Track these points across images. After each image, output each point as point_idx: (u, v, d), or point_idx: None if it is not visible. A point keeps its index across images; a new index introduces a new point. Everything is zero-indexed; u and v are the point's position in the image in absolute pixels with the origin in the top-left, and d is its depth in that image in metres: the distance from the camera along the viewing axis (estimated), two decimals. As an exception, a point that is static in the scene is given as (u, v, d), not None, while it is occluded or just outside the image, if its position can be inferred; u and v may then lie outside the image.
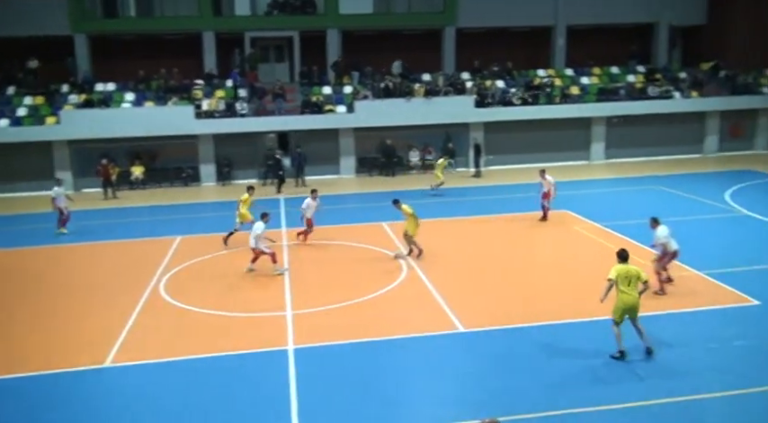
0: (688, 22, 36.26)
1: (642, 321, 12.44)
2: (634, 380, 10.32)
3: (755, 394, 9.80)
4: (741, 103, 32.80)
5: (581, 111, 31.29)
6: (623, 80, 33.55)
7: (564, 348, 11.55)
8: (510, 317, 12.88)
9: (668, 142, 32.56)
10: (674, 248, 13.96)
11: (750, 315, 12.80)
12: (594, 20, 34.35)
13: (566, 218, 20.93)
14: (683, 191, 24.31)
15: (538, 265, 16.39)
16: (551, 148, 31.21)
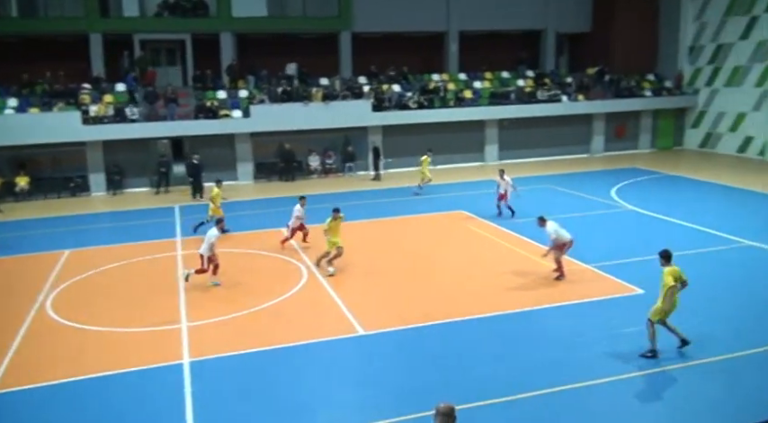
0: (574, 29, 38.06)
1: (535, 315, 12.93)
2: (524, 373, 10.60)
3: (642, 377, 10.31)
4: (624, 105, 34.67)
5: (474, 114, 32.15)
6: (514, 84, 34.73)
7: (464, 345, 11.75)
8: (410, 317, 12.98)
9: (558, 143, 33.99)
10: (569, 238, 14.70)
11: (636, 303, 13.47)
12: (485, 26, 35.41)
13: (461, 217, 21.41)
14: (573, 189, 25.40)
15: (435, 264, 16.59)
16: (447, 150, 31.87)
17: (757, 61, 32.28)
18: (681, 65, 36.53)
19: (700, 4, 35.41)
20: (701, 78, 35.68)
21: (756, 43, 32.20)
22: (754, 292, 14.05)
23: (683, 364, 10.69)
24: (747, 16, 32.60)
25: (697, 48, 35.81)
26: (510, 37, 37.52)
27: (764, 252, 16.75)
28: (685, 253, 16.77)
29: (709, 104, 35.21)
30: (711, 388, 9.99)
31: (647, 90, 35.89)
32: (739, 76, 33.34)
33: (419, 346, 11.74)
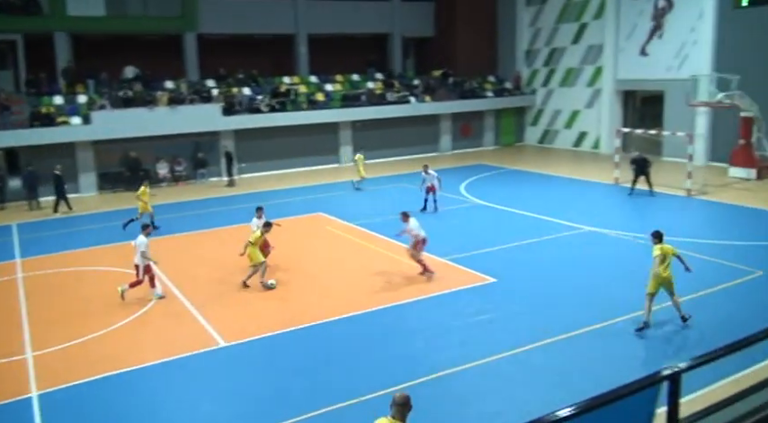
0: (418, 34, 39.37)
1: (395, 311, 13.15)
2: (387, 368, 10.78)
3: (498, 360, 10.81)
4: (469, 105, 36.27)
5: (327, 116, 32.27)
6: (364, 87, 35.28)
7: (327, 347, 11.75)
8: (272, 324, 12.76)
9: (408, 143, 34.94)
10: (423, 236, 15.07)
11: (489, 291, 14.15)
12: (334, 30, 35.73)
13: (318, 219, 21.42)
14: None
15: (295, 268, 16.42)
16: (303, 153, 31.85)
17: (588, 63, 34.96)
18: (519, 67, 38.84)
19: (534, 12, 37.84)
20: (537, 79, 38.12)
21: (587, 47, 34.87)
22: (595, 267, 15.17)
23: (531, 345, 11.31)
24: (578, 23, 35.23)
25: (533, 51, 38.23)
26: (359, 40, 38.13)
27: (602, 235, 18.17)
28: (531, 241, 17.89)
29: (546, 103, 37.71)
30: (558, 363, 10.64)
31: (488, 91, 37.79)
32: (572, 77, 35.96)
33: (282, 353, 11.58)
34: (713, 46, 28.59)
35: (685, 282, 14.23)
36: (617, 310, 12.74)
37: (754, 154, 25.69)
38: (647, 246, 17.18)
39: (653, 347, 11.22)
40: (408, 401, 6.03)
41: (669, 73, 30.59)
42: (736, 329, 4.86)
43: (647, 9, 31.62)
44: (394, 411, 6.04)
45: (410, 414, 6.14)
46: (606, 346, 11.34)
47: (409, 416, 6.13)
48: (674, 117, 29.90)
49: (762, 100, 25.45)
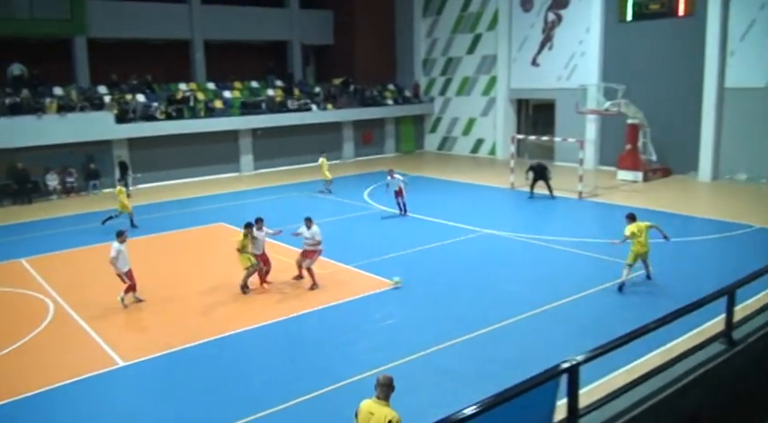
0: (318, 41, 39.40)
1: (302, 320, 13.10)
2: (296, 379, 10.72)
3: (407, 363, 10.96)
4: (370, 113, 36.63)
5: (226, 124, 31.67)
6: (264, 94, 34.91)
7: (233, 360, 11.52)
8: (173, 339, 12.33)
9: (311, 151, 34.71)
10: (320, 248, 15.07)
11: (394, 296, 14.33)
12: (231, 36, 35.18)
13: (220, 230, 20.97)
14: (328, 194, 26.18)
15: (196, 281, 15.91)
16: (202, 162, 31.12)
17: (483, 73, 36.10)
18: (417, 76, 39.61)
19: (430, 23, 38.73)
20: (435, 88, 39.00)
21: (481, 57, 36.00)
22: (494, 268, 15.68)
23: (437, 346, 11.55)
24: (472, 34, 36.31)
25: (430, 61, 39.09)
26: (257, 47, 37.76)
27: (500, 237, 18.78)
28: (434, 245, 18.26)
29: (444, 111, 38.63)
30: (464, 362, 10.92)
31: (389, 99, 38.31)
32: (468, 86, 37.03)
33: (185, 369, 11.23)
34: (600, 57, 30.21)
35: (580, 279, 14.96)
36: (515, 308, 13.20)
37: (640, 158, 27.30)
38: (544, 246, 18.02)
39: (551, 342, 11.68)
40: (392, 382, 6.44)
41: (559, 82, 32.09)
42: (628, 322, 5.17)
43: (537, 22, 33.04)
44: (378, 392, 6.44)
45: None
46: (507, 344, 11.73)
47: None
48: (565, 124, 31.37)
49: (646, 107, 27.12)
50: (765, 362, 6.31)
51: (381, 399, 6.43)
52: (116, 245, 14.08)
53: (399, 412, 6.36)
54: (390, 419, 6.28)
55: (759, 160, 25.72)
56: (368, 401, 6.50)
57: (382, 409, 6.35)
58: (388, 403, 6.41)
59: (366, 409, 6.47)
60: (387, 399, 6.42)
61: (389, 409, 6.34)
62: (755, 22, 25.33)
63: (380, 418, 6.28)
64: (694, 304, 5.44)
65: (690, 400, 5.35)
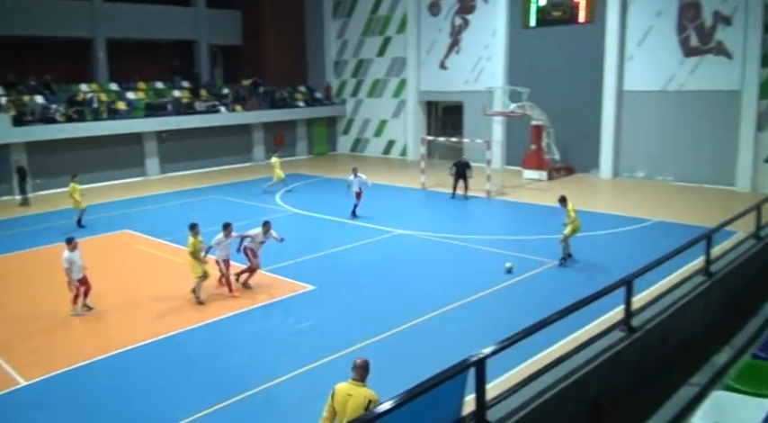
0: (226, 42, 38.69)
1: (215, 327, 12.87)
2: (211, 386, 10.53)
3: (321, 366, 10.93)
4: (281, 115, 36.27)
5: (131, 126, 30.58)
6: (170, 95, 33.96)
7: (143, 372, 11.15)
8: (78, 354, 11.74)
9: (220, 153, 34.19)
10: (225, 257, 14.81)
11: (309, 299, 14.27)
12: (135, 35, 34.02)
13: (127, 238, 20.24)
14: (239, 197, 25.77)
15: (102, 292, 15.18)
16: (105, 167, 29.93)
17: (393, 75, 36.45)
18: (328, 77, 39.56)
19: (340, 24, 38.75)
20: (346, 90, 39.06)
21: (391, 59, 36.35)
22: (407, 268, 15.86)
23: (351, 348, 11.58)
24: (382, 36, 36.61)
25: (341, 62, 39.13)
26: (162, 46, 36.68)
27: (412, 237, 19.02)
28: (348, 246, 18.29)
29: (356, 113, 38.76)
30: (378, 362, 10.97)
31: (300, 101, 38.06)
32: (379, 88, 37.30)
33: (91, 385, 10.75)
34: (505, 61, 31.11)
35: (489, 276, 15.35)
36: (428, 306, 13.41)
37: (545, 158, 28.29)
38: (455, 245, 18.38)
39: (463, 338, 11.92)
40: (368, 365, 6.69)
41: (467, 85, 32.83)
42: (533, 315, 5.36)
43: (444, 26, 33.68)
44: (355, 374, 6.64)
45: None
46: (421, 342, 11.89)
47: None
48: (473, 125, 32.11)
49: (550, 109, 28.12)
50: (661, 346, 6.68)
51: (358, 381, 6.60)
52: (66, 254, 13.45)
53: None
54: (370, 399, 6.45)
55: (656, 158, 27.19)
56: (344, 384, 6.66)
57: (360, 390, 6.53)
58: (365, 384, 6.59)
59: (343, 392, 6.60)
60: (363, 380, 6.60)
61: (368, 390, 6.54)
62: (652, 28, 26.75)
63: (359, 399, 6.42)
64: (594, 296, 5.69)
65: (592, 386, 5.59)
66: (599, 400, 5.61)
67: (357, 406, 6.46)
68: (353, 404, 6.44)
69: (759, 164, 24.65)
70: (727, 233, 13.38)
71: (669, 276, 11.60)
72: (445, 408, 4.48)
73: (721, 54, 25.12)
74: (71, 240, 13.73)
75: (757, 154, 24.60)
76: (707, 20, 25.39)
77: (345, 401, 6.54)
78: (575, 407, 5.43)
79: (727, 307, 8.01)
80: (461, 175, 24.36)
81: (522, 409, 4.83)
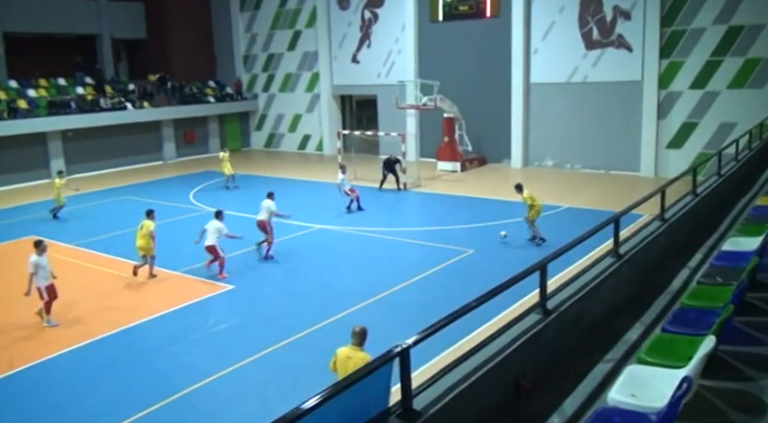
0: (129, 35, 37.33)
1: (132, 332, 12.48)
2: (131, 393, 10.19)
3: (244, 366, 10.76)
4: (191, 111, 35.35)
5: (32, 126, 29.05)
6: (73, 93, 32.49)
7: (59, 383, 10.73)
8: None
9: (129, 152, 32.99)
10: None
11: (227, 299, 14.02)
12: (34, 29, 32.30)
13: (31, 244, 19.16)
14: (151, 197, 24.91)
15: (11, 304, 14.37)
16: (7, 170, 28.33)
17: (305, 69, 36.16)
18: (238, 72, 38.82)
19: (248, 18, 38.09)
20: (258, 84, 38.48)
21: (303, 54, 36.03)
22: (327, 263, 15.80)
23: (273, 346, 11.45)
24: (292, 30, 36.23)
25: (251, 57, 38.49)
26: (63, 41, 34.98)
27: (331, 231, 18.97)
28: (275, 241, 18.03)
29: (269, 108, 38.24)
30: (300, 359, 10.92)
31: (210, 96, 37.20)
32: (291, 82, 36.92)
33: (9, 400, 10.22)
34: (415, 55, 31.43)
35: (408, 266, 15.51)
36: (350, 300, 13.42)
37: (458, 149, 28.79)
38: (374, 237, 18.48)
39: (386, 329, 11.97)
40: (365, 332, 7.45)
41: (380, 79, 32.97)
42: (454, 303, 5.44)
43: (354, 20, 33.68)
44: (354, 340, 7.41)
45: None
46: (345, 335, 11.84)
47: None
48: (387, 119, 32.28)
49: (461, 102, 28.62)
50: (576, 326, 6.92)
51: (356, 345, 7.41)
52: (34, 257, 12.86)
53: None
54: (368, 361, 6.72)
55: (563, 147, 28.16)
56: (344, 348, 7.48)
57: (359, 353, 7.35)
58: (363, 349, 7.36)
59: (344, 355, 7.45)
60: (361, 345, 7.39)
61: (365, 353, 7.31)
62: (555, 23, 27.65)
63: (357, 361, 7.13)
64: (510, 281, 5.83)
65: (513, 367, 5.74)
66: (520, 380, 5.76)
67: (355, 367, 6.89)
68: (353, 366, 7.01)
69: (661, 150, 25.95)
70: (634, 216, 14.06)
71: (581, 259, 12.06)
72: (372, 399, 4.49)
73: (622, 47, 26.24)
74: (38, 244, 13.18)
75: (659, 140, 25.89)
76: (607, 14, 26.46)
77: (346, 364, 7.34)
78: (497, 389, 5.55)
79: (636, 285, 8.38)
80: (390, 170, 24.55)
81: (447, 394, 4.89)
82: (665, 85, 25.50)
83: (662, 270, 9.03)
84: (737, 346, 6.44)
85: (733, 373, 6.02)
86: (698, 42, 24.70)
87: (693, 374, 4.82)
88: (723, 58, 24.36)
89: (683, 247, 9.96)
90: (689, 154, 25.00)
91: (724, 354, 6.22)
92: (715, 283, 7.43)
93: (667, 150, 25.88)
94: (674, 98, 25.46)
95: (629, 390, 4.95)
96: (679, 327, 6.21)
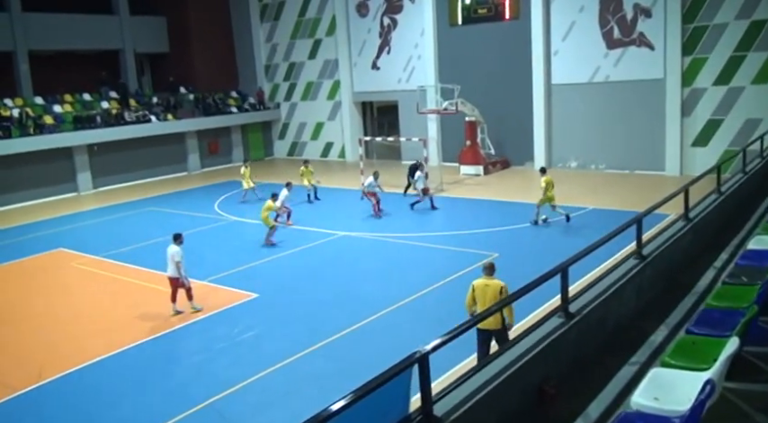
0: (153, 49, 37.80)
1: (160, 342, 12.59)
2: (161, 402, 10.28)
3: (270, 374, 10.81)
4: (214, 122, 35.69)
5: (60, 141, 29.54)
6: (98, 107, 32.97)
7: (90, 393, 10.84)
8: (18, 381, 11.29)
9: (154, 164, 33.40)
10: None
11: (252, 308, 14.10)
12: (58, 46, 32.90)
13: (61, 256, 19.55)
14: (176, 208, 25.25)
15: (38, 315, 14.65)
16: (35, 184, 28.82)
17: (326, 77, 36.34)
18: (260, 82, 39.14)
19: (269, 28, 38.40)
20: (279, 94, 38.74)
21: (323, 62, 36.24)
22: (352, 269, 15.85)
23: (299, 354, 11.50)
24: (312, 39, 36.46)
25: (272, 66, 38.78)
26: (88, 57, 35.56)
27: (355, 238, 19.02)
28: (290, 252, 18.16)
29: (291, 117, 38.48)
30: (327, 366, 10.95)
31: (232, 107, 37.55)
32: (313, 91, 37.13)
33: (38, 411, 10.36)
34: (435, 59, 31.41)
35: (432, 272, 15.48)
36: (374, 306, 13.43)
37: (480, 153, 28.70)
38: (398, 243, 18.48)
39: (410, 336, 11.99)
40: (494, 265, 9.48)
41: (400, 84, 33.02)
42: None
43: (374, 27, 33.78)
44: (486, 272, 9.38)
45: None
46: (369, 342, 11.89)
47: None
48: (409, 124, 32.31)
49: (482, 105, 28.55)
50: (600, 329, 6.86)
51: (489, 275, 9.33)
52: (176, 248, 13.72)
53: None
54: (502, 286, 9.19)
55: (587, 148, 27.93)
56: (480, 279, 9.40)
57: (494, 281, 9.27)
58: (495, 278, 9.27)
59: (482, 284, 9.31)
60: (493, 275, 9.31)
61: (499, 281, 9.23)
62: (575, 23, 27.47)
63: (495, 287, 9.14)
64: (530, 285, 5.80)
65: (536, 372, 5.70)
66: (543, 385, 5.72)
67: (494, 292, 9.18)
68: (491, 291, 9.15)
69: (686, 148, 25.62)
70: (659, 216, 13.88)
71: (607, 261, 11.93)
72: (392, 406, 4.49)
73: (643, 45, 25.98)
74: (180, 235, 14.08)
75: (683, 139, 25.57)
76: (628, 13, 26.22)
77: (485, 291, 9.21)
78: (520, 394, 5.52)
79: (660, 287, 8.29)
80: (411, 175, 24.53)
81: (468, 400, 4.88)
82: (688, 82, 25.18)
83: (687, 270, 8.92)
84: (763, 347, 6.34)
85: (758, 374, 5.92)
86: (720, 38, 24.37)
87: (717, 377, 4.76)
88: (747, 54, 23.99)
89: (708, 247, 9.84)
90: (715, 152, 24.64)
91: (749, 355, 6.13)
92: (740, 283, 7.32)
93: (693, 148, 25.54)
94: (698, 95, 25.14)
95: (653, 393, 4.89)
96: (703, 328, 6.13)
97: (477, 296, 9.19)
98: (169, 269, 13.75)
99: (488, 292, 9.09)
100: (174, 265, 13.62)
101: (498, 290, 9.09)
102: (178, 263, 13.58)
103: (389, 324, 12.70)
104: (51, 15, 32.36)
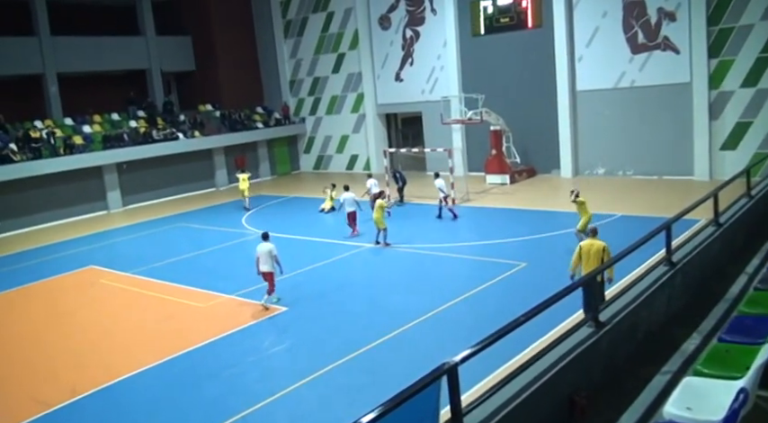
0: (179, 68, 38.38)
1: (189, 357, 12.69)
2: (189, 418, 10.37)
3: (301, 387, 10.86)
4: (241, 138, 36.08)
5: (89, 160, 30.07)
6: (126, 126, 33.54)
7: (122, 408, 10.99)
8: (53, 397, 11.46)
9: (182, 181, 33.83)
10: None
11: (282, 321, 14.19)
12: (86, 67, 33.59)
13: (93, 274, 19.86)
14: (204, 224, 25.54)
15: (71, 332, 14.93)
16: (66, 203, 29.39)
17: (350, 91, 36.58)
18: (285, 97, 39.51)
19: (292, 44, 38.80)
20: (305, 108, 39.06)
21: (347, 75, 36.49)
22: (379, 281, 15.86)
23: (330, 366, 11.53)
24: (335, 53, 36.76)
25: (297, 81, 39.14)
26: (115, 77, 36.24)
27: (381, 250, 19.06)
28: (317, 264, 18.23)
29: (317, 130, 38.75)
30: (358, 378, 10.95)
31: (258, 122, 37.93)
32: (337, 104, 37.38)
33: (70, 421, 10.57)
34: (458, 70, 31.46)
35: (461, 282, 15.42)
36: (403, 318, 13.42)
37: (506, 161, 28.60)
38: (426, 254, 18.46)
39: (440, 346, 11.96)
40: (597, 229, 11.66)
41: (424, 96, 33.10)
42: (509, 317, 5.38)
43: (396, 39, 33.95)
44: (591, 235, 11.48)
45: None
46: (399, 353, 11.89)
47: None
48: (433, 135, 32.35)
49: (507, 114, 28.49)
50: (631, 338, 6.79)
51: (594, 237, 11.32)
52: (267, 246, 14.82)
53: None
54: (605, 246, 11.13)
55: (614, 154, 27.68)
56: (586, 241, 11.46)
57: (598, 242, 11.22)
58: (599, 239, 11.17)
59: (587, 244, 11.29)
60: (596, 237, 11.30)
61: (602, 242, 11.17)
62: (599, 29, 27.33)
63: (599, 246, 11.11)
64: (559, 294, 5.76)
65: (566, 382, 5.66)
66: (574, 396, 5.68)
67: (597, 250, 11.12)
68: (595, 249, 11.11)
69: (715, 152, 25.27)
70: (689, 222, 13.71)
71: (638, 268, 11.79)
72: (422, 418, 4.49)
73: (669, 49, 25.75)
74: (267, 234, 15.28)
75: (712, 142, 25.23)
76: (652, 17, 26.02)
77: (590, 249, 11.15)
78: (550, 405, 5.49)
79: (691, 294, 8.18)
80: (396, 181, 24.79)
81: (499, 412, 4.86)
82: (715, 84, 24.87)
83: (718, 277, 8.80)
84: (799, 354, 6.22)
85: (795, 382, 5.81)
86: (747, 39, 24.06)
87: (751, 385, 4.69)
88: (775, 55, 23.70)
89: (738, 252, 9.70)
90: (745, 154, 24.28)
91: (785, 362, 6.02)
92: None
93: (722, 152, 25.18)
94: (726, 98, 24.81)
95: (686, 403, 4.83)
96: (736, 336, 6.04)
97: (583, 253, 11.10)
98: (263, 265, 14.78)
99: (593, 250, 11.09)
100: (272, 259, 14.77)
101: (602, 248, 11.08)
102: (275, 256, 14.80)
103: (419, 335, 12.69)
104: (79, 38, 33.09)
